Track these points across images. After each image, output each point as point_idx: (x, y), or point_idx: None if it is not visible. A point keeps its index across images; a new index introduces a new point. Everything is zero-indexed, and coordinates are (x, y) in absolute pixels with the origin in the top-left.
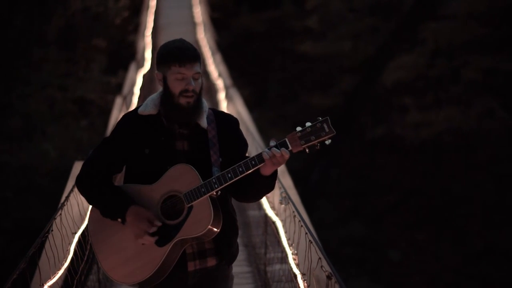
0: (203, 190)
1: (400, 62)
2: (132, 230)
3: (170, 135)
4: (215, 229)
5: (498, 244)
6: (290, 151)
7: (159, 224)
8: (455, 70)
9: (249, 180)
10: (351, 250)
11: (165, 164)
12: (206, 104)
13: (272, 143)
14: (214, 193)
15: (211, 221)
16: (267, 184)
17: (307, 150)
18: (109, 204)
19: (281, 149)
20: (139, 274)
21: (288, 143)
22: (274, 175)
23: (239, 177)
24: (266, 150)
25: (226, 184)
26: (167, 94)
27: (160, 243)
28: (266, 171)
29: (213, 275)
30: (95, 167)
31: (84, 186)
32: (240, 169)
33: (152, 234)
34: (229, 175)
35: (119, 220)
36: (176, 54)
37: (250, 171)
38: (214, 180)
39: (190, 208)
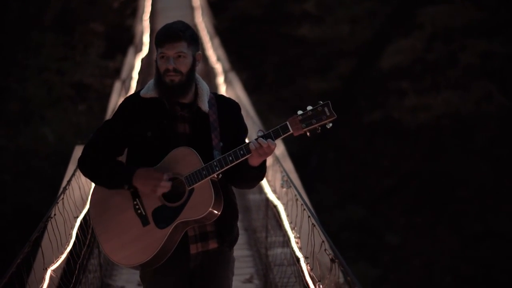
0: (204, 173)
1: (398, 46)
2: (145, 189)
3: (172, 118)
4: (216, 212)
5: (496, 227)
6: (291, 134)
7: (171, 173)
8: (453, 54)
9: (238, 170)
10: (349, 234)
11: (167, 147)
12: (207, 88)
13: (260, 133)
14: (215, 176)
15: (212, 203)
16: (255, 175)
17: (308, 134)
18: (114, 173)
19: (267, 140)
20: (140, 256)
21: (289, 126)
22: (262, 166)
23: (229, 166)
24: (253, 140)
25: (227, 167)
26: (156, 74)
27: (161, 225)
28: (254, 161)
29: (214, 257)
30: (97, 149)
31: (87, 166)
32: (230, 158)
33: (154, 216)
34: (230, 158)
35: (126, 187)
36: (158, 35)
37: (239, 160)
38: (215, 163)
39: (191, 190)
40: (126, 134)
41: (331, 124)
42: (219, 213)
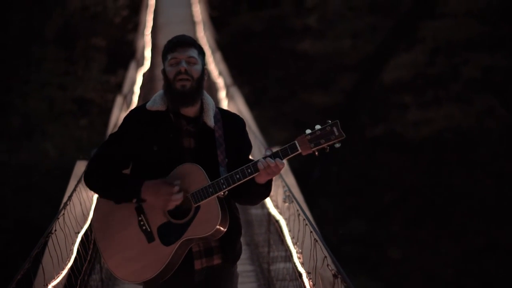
0: (211, 190)
1: (400, 60)
2: (155, 203)
3: (177, 132)
4: (222, 229)
5: (498, 241)
6: (300, 154)
7: (178, 182)
8: (455, 68)
9: (245, 186)
10: (351, 247)
11: (173, 161)
12: (213, 103)
13: (268, 152)
14: (222, 193)
15: (219, 221)
16: (261, 192)
17: (316, 153)
18: (122, 187)
19: (275, 160)
20: (145, 273)
21: (297, 146)
22: (269, 183)
23: (236, 184)
24: (261, 159)
25: (234, 185)
26: (166, 83)
27: (166, 242)
28: (261, 179)
29: (219, 273)
30: (103, 162)
31: (94, 180)
32: (237, 176)
33: (159, 233)
34: (237, 176)
35: (134, 201)
36: (169, 43)
37: (246, 179)
38: (222, 181)
39: (197, 208)
40: (132, 147)
41: (339, 144)
42: (225, 230)
